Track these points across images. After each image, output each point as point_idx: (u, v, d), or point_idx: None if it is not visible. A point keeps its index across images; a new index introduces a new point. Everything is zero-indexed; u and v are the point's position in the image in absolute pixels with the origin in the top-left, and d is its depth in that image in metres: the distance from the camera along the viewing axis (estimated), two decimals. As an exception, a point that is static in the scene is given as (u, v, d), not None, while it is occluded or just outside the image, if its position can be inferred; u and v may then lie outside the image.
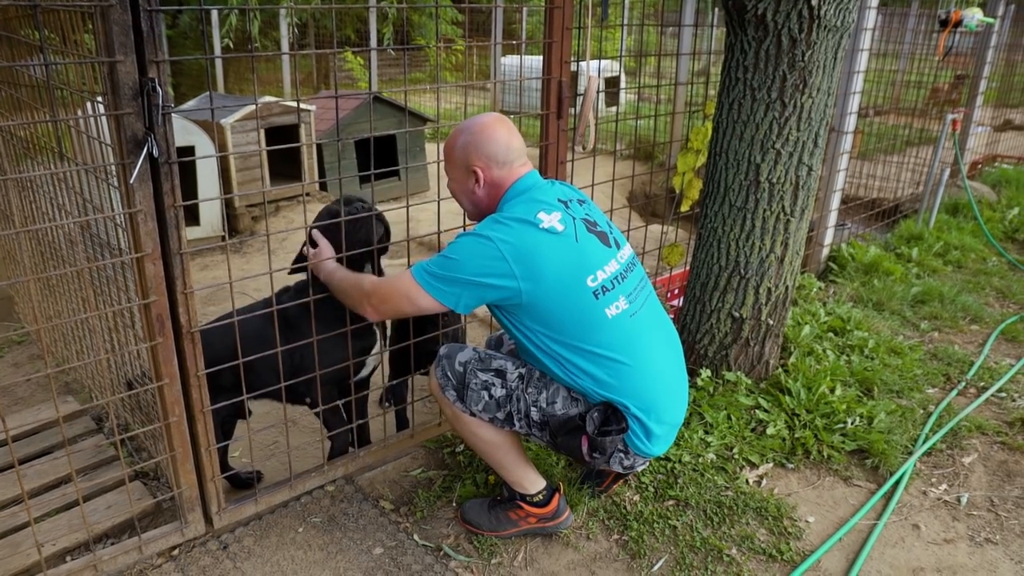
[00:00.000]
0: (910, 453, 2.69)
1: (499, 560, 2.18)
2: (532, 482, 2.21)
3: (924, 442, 2.75)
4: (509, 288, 1.92)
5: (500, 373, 2.10)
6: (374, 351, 2.47)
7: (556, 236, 1.93)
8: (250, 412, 2.52)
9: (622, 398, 2.02)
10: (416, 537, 2.26)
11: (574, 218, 2.00)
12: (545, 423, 2.08)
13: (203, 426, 2.08)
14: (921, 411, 2.96)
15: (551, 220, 1.95)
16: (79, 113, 2.18)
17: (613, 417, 2.02)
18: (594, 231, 2.03)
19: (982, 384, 3.22)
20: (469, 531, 2.27)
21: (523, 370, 2.11)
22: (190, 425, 2.07)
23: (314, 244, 2.26)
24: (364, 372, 2.51)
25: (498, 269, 1.90)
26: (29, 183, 2.80)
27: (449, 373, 2.13)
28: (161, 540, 2.15)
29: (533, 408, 2.08)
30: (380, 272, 2.40)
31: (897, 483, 2.53)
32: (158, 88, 1.69)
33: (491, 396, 2.09)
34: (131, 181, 1.73)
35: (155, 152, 1.72)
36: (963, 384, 3.20)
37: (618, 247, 2.08)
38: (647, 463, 2.20)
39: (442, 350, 2.18)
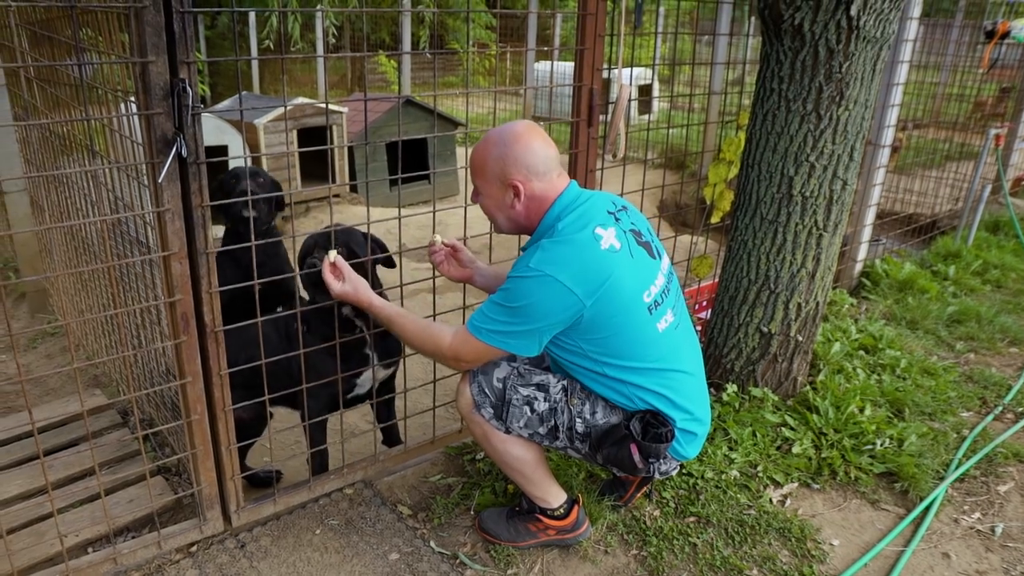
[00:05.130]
0: (942, 478, 2.60)
1: (515, 571, 2.15)
2: (556, 496, 2.18)
3: (957, 467, 2.66)
4: (575, 315, 1.88)
5: (542, 387, 2.06)
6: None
7: (615, 255, 1.89)
8: (271, 415, 2.54)
9: (684, 406, 2.05)
10: (432, 544, 2.24)
11: (625, 232, 1.96)
12: (588, 434, 2.06)
13: (224, 425, 2.09)
14: (955, 435, 2.87)
15: (609, 238, 1.90)
16: (116, 112, 2.21)
17: (653, 421, 2.01)
18: (641, 242, 2.00)
19: (1020, 409, 3.11)
20: (486, 540, 2.25)
21: (565, 382, 2.08)
22: (212, 423, 2.08)
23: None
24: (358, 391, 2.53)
25: (566, 303, 1.85)
26: (65, 179, 2.85)
27: (487, 390, 2.05)
28: (180, 536, 2.17)
29: (578, 420, 2.05)
30: (377, 283, 2.39)
31: (927, 509, 2.45)
32: (188, 89, 1.70)
33: (533, 411, 2.04)
34: (159, 180, 1.75)
35: (184, 152, 1.74)
36: (1000, 408, 3.10)
37: (659, 257, 2.06)
38: (678, 467, 2.23)
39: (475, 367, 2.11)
